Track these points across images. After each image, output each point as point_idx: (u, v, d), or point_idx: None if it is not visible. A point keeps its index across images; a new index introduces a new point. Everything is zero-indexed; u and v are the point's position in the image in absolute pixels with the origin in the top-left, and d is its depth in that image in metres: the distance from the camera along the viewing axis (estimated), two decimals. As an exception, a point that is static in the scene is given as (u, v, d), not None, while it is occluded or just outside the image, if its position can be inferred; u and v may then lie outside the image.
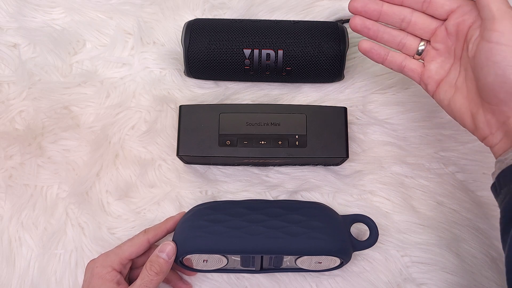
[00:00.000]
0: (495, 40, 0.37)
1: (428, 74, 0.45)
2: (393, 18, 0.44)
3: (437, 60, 0.44)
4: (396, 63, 0.46)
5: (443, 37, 0.43)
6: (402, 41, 0.45)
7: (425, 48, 0.45)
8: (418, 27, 0.44)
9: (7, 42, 0.59)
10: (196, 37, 0.53)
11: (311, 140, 0.50)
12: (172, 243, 0.46)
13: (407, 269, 0.52)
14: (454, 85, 0.43)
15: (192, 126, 0.50)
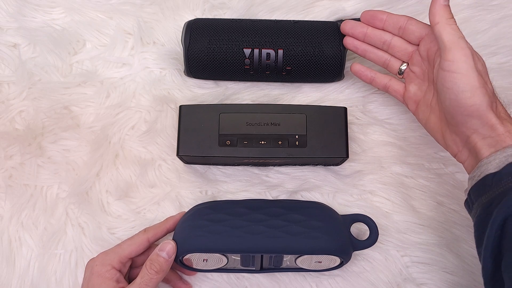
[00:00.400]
0: (447, 68, 0.41)
1: (408, 95, 0.50)
2: (375, 40, 0.50)
3: (415, 82, 0.49)
4: (382, 84, 0.52)
5: (418, 61, 0.48)
6: (387, 61, 0.51)
7: (405, 69, 0.50)
8: (397, 50, 0.50)
9: (7, 42, 0.59)
10: (196, 37, 0.53)
11: (311, 140, 0.50)
12: (172, 242, 0.46)
13: (407, 269, 0.52)
14: (429, 106, 0.47)
15: (192, 126, 0.50)
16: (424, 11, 0.60)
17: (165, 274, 0.46)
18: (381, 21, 0.49)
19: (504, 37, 0.60)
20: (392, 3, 0.61)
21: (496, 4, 0.61)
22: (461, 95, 0.40)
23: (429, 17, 0.44)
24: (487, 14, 0.61)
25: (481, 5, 0.61)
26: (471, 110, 0.40)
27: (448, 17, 0.42)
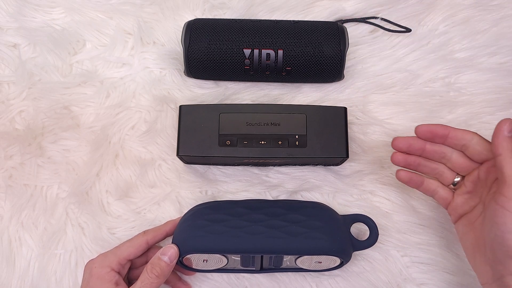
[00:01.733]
0: (500, 203, 0.39)
1: (454, 206, 0.47)
2: (434, 155, 0.48)
3: (465, 196, 0.47)
4: (430, 189, 0.49)
5: (475, 178, 0.46)
6: (440, 172, 0.48)
7: (459, 181, 0.48)
8: (457, 164, 0.47)
9: (7, 42, 0.59)
10: (196, 37, 0.53)
11: (311, 140, 0.50)
12: (174, 246, 0.45)
13: (407, 269, 0.52)
14: (473, 224, 0.45)
15: (192, 126, 0.50)
16: (424, 11, 0.61)
17: (166, 278, 0.45)
18: (442, 137, 0.47)
19: (504, 37, 0.60)
20: (393, 3, 0.61)
21: (496, 4, 0.61)
22: (508, 235, 0.39)
23: (492, 146, 0.42)
24: (487, 14, 0.61)
25: (481, 5, 0.61)
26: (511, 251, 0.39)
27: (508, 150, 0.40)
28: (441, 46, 0.60)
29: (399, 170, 0.50)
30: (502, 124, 0.41)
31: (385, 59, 0.59)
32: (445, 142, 0.47)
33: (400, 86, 0.58)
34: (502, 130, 0.41)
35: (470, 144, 0.45)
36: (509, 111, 0.58)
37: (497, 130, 0.41)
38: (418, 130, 0.47)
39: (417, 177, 0.49)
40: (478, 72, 0.59)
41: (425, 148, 0.48)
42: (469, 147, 0.45)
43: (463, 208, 0.47)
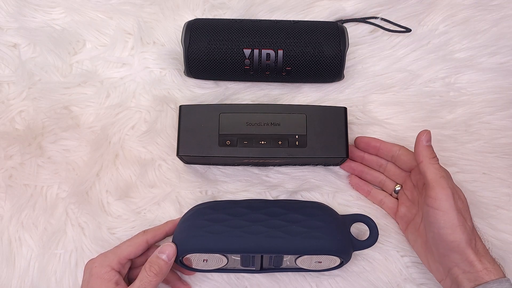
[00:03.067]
0: (430, 204, 0.45)
1: (400, 215, 0.52)
2: (372, 164, 0.54)
3: (407, 204, 0.52)
4: (377, 199, 0.54)
5: (410, 186, 0.51)
6: (382, 181, 0.54)
7: (400, 189, 0.53)
8: (392, 174, 0.53)
9: (7, 42, 0.59)
10: (196, 37, 0.53)
11: (311, 140, 0.50)
12: (173, 245, 0.46)
13: (407, 269, 0.52)
14: (418, 230, 0.49)
15: (192, 126, 0.50)
16: (424, 11, 0.61)
17: (164, 276, 0.45)
18: (375, 148, 0.53)
19: (504, 37, 0.60)
20: (392, 3, 0.61)
21: (496, 4, 0.61)
22: (442, 230, 0.44)
23: (414, 154, 0.48)
24: (487, 14, 0.61)
25: (481, 5, 0.61)
26: (452, 246, 0.43)
27: (431, 157, 0.46)
28: (441, 46, 0.60)
29: (350, 175, 0.55)
30: (421, 135, 0.47)
31: (385, 59, 0.59)
32: (379, 153, 0.53)
33: (400, 86, 0.58)
34: (421, 140, 0.47)
35: (398, 155, 0.52)
36: (509, 111, 0.58)
37: (417, 140, 0.47)
38: (356, 141, 0.55)
39: (365, 185, 0.55)
40: (478, 72, 0.59)
41: (364, 157, 0.54)
42: (398, 158, 0.52)
43: (407, 216, 0.51)
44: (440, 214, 0.44)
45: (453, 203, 0.44)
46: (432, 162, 0.46)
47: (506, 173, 0.55)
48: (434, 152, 0.47)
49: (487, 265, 0.43)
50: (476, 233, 0.45)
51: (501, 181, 0.55)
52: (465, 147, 0.56)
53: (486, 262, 0.43)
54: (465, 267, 0.43)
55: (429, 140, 0.47)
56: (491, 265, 0.43)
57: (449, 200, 0.44)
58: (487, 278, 0.42)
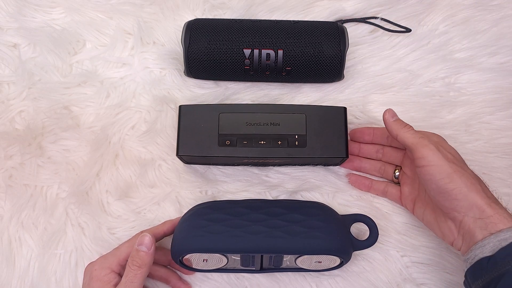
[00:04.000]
0: (420, 164, 0.45)
1: (404, 195, 0.52)
2: (370, 153, 0.55)
3: (408, 182, 0.52)
4: (380, 190, 0.54)
5: (408, 163, 0.52)
6: (381, 168, 0.54)
7: (399, 173, 0.53)
8: (389, 156, 0.54)
9: (7, 42, 0.59)
10: (196, 37, 0.53)
11: (310, 140, 0.50)
12: (148, 235, 0.46)
13: (407, 269, 0.52)
14: (424, 201, 0.49)
15: (191, 126, 0.50)
16: (424, 11, 0.61)
17: (149, 268, 0.45)
18: (369, 135, 0.54)
19: (504, 37, 0.60)
20: (392, 3, 0.61)
21: (496, 4, 0.61)
22: (440, 182, 0.43)
23: (389, 133, 0.48)
24: (487, 14, 0.61)
25: (481, 5, 0.61)
26: (454, 193, 0.43)
27: (402, 126, 0.47)
28: (441, 46, 0.60)
29: (349, 174, 0.55)
30: (385, 115, 0.48)
31: (385, 59, 0.59)
32: (374, 140, 0.54)
33: (400, 86, 0.58)
34: (387, 119, 0.48)
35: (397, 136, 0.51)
36: (509, 111, 0.58)
37: (384, 121, 0.48)
38: (351, 133, 0.55)
39: (365, 179, 0.55)
40: (478, 72, 0.59)
41: (360, 147, 0.55)
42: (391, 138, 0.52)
43: (412, 194, 0.51)
44: (432, 168, 0.44)
45: (440, 155, 0.44)
46: (406, 130, 0.47)
47: (506, 173, 0.55)
48: (404, 122, 0.48)
49: (498, 210, 0.41)
50: (480, 180, 0.44)
51: (501, 181, 0.55)
52: (465, 147, 0.56)
53: (496, 207, 0.42)
54: (475, 213, 0.42)
55: (394, 115, 0.48)
56: (503, 210, 0.42)
57: (435, 153, 0.44)
58: (501, 225, 0.40)
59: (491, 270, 0.39)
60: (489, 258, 0.40)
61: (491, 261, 0.40)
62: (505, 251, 0.39)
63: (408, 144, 0.46)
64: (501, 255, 0.39)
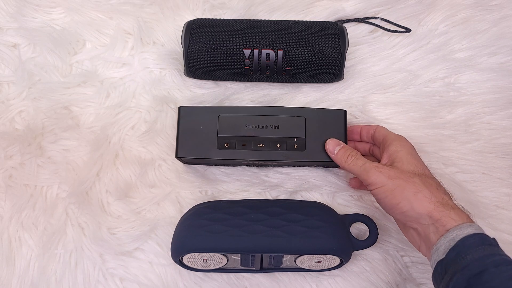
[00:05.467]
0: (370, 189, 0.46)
1: None
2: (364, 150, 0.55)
3: None
4: None
5: None
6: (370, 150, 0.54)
7: None
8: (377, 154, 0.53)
9: (7, 42, 0.59)
10: (196, 37, 0.53)
11: (309, 144, 0.50)
12: None
13: (407, 269, 0.52)
14: None
15: (191, 128, 0.50)
16: (424, 11, 0.61)
17: None
18: (357, 134, 0.54)
19: (504, 37, 0.60)
20: (392, 3, 0.61)
21: (496, 4, 0.61)
22: (386, 200, 0.44)
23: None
24: (487, 14, 0.61)
25: (481, 5, 0.61)
26: (400, 207, 0.43)
27: (345, 158, 0.48)
28: (441, 46, 0.60)
29: (350, 179, 0.55)
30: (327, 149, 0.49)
31: (385, 59, 0.59)
32: (362, 138, 0.54)
33: (400, 86, 0.58)
34: (330, 154, 0.49)
35: (374, 135, 0.52)
36: (509, 111, 0.58)
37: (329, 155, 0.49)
38: None
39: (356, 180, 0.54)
40: (478, 72, 0.59)
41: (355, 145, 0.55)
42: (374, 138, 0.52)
43: None
44: (377, 191, 0.45)
45: (382, 176, 0.44)
46: (349, 161, 0.47)
47: (506, 173, 0.55)
48: (347, 151, 0.48)
49: (445, 212, 0.41)
50: (428, 183, 0.44)
51: (501, 181, 0.55)
52: (465, 147, 0.56)
53: (443, 209, 0.41)
54: (425, 220, 0.42)
55: (334, 146, 0.49)
56: (450, 211, 0.41)
57: (377, 176, 0.44)
58: (448, 225, 0.40)
59: (446, 273, 0.39)
60: (442, 261, 0.40)
61: (444, 263, 0.40)
62: (454, 251, 0.39)
63: (355, 174, 0.47)
64: (451, 256, 0.39)
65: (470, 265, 0.37)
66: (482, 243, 0.39)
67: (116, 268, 0.52)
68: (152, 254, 0.53)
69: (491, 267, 0.36)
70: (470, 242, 0.38)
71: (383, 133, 0.51)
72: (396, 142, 0.48)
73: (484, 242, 0.39)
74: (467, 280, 0.37)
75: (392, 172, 0.45)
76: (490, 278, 0.36)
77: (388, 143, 0.48)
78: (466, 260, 0.38)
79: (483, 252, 0.38)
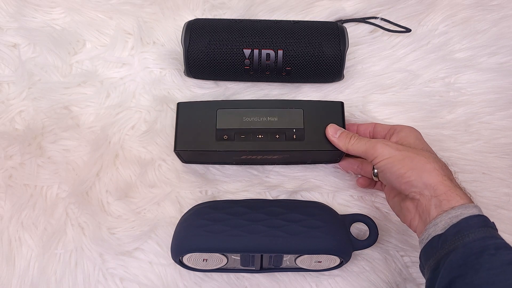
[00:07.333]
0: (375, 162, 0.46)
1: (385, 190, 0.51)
2: None
3: None
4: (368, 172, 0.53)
5: None
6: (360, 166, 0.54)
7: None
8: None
9: (7, 42, 0.59)
10: (196, 37, 0.53)
11: (308, 134, 0.50)
12: None
13: (407, 269, 0.52)
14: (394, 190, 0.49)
15: (189, 122, 0.50)
16: (424, 11, 0.61)
17: None
18: (353, 131, 0.53)
19: (504, 37, 0.60)
20: (393, 3, 0.61)
21: (496, 4, 0.61)
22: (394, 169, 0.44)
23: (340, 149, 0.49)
24: (487, 14, 0.61)
25: (481, 5, 0.61)
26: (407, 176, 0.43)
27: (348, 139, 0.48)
28: (441, 46, 0.60)
29: (357, 179, 0.55)
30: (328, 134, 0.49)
31: (385, 59, 0.59)
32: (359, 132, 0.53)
33: (400, 86, 0.58)
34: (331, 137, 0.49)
35: (373, 131, 0.52)
36: (509, 111, 0.58)
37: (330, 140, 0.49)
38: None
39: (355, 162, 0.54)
40: (478, 72, 0.59)
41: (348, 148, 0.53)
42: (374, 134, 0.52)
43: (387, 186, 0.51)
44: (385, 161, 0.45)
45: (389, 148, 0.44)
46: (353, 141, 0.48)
47: (506, 173, 0.55)
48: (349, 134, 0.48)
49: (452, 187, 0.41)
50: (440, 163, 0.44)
51: (501, 181, 0.55)
52: (465, 147, 0.56)
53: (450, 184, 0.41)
54: (430, 192, 0.42)
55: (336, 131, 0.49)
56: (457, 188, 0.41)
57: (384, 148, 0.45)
58: (454, 202, 0.40)
59: (441, 248, 0.39)
60: (440, 236, 0.40)
61: (442, 238, 0.39)
62: (455, 228, 0.39)
63: (360, 153, 0.47)
64: (451, 232, 0.39)
65: (470, 243, 0.37)
66: (485, 225, 0.39)
67: (116, 268, 0.52)
68: (152, 254, 0.53)
69: (491, 249, 0.37)
70: (473, 222, 0.39)
71: (387, 125, 0.51)
72: (406, 128, 0.49)
73: (487, 225, 0.39)
74: (465, 257, 0.37)
75: (400, 145, 0.45)
76: (489, 259, 0.36)
77: (398, 130, 0.49)
78: (468, 238, 0.38)
79: (485, 233, 0.38)
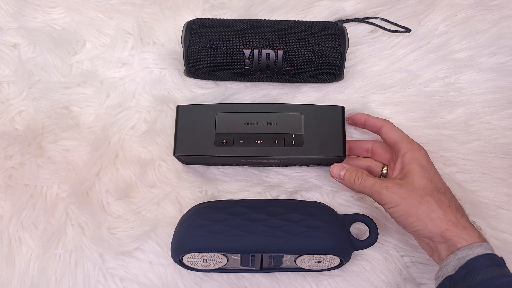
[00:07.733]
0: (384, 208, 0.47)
1: None
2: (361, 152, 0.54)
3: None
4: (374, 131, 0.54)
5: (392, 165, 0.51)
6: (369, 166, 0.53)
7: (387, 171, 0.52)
8: (378, 155, 0.53)
9: (7, 42, 0.59)
10: (196, 37, 0.53)
11: (307, 139, 0.50)
12: None
13: (407, 269, 0.52)
14: None
15: (188, 126, 0.50)
16: (424, 11, 0.61)
17: None
18: (361, 122, 0.54)
19: (504, 37, 0.60)
20: (393, 3, 0.61)
21: (496, 4, 0.61)
22: (400, 219, 0.46)
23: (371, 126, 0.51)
24: (487, 14, 0.61)
25: (481, 5, 0.61)
26: (415, 226, 0.45)
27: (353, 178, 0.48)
28: (441, 46, 0.60)
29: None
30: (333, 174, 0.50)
31: (385, 59, 0.59)
32: (366, 126, 0.53)
33: (400, 86, 0.58)
34: (338, 178, 0.50)
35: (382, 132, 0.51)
36: (509, 111, 0.58)
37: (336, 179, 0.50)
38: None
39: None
40: (478, 72, 0.59)
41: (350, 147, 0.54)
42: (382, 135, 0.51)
43: None
44: (392, 210, 0.46)
45: (395, 196, 0.45)
46: (359, 181, 0.48)
47: (506, 173, 0.55)
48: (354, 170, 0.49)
49: (457, 231, 0.43)
50: (441, 199, 0.45)
51: (501, 181, 0.55)
52: (465, 147, 0.56)
53: (455, 229, 0.43)
54: (438, 239, 0.44)
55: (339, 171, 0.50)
56: (461, 231, 0.43)
57: (390, 197, 0.45)
58: (459, 244, 0.42)
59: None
60: (451, 277, 0.41)
61: (452, 280, 0.41)
62: (464, 269, 0.41)
63: (367, 194, 0.48)
64: (461, 274, 0.41)
65: (479, 285, 0.39)
66: (491, 264, 0.40)
67: (116, 268, 0.52)
68: (152, 254, 0.53)
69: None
70: (480, 262, 0.40)
71: (393, 137, 0.50)
72: (408, 153, 0.48)
73: (493, 263, 0.41)
74: None
75: (403, 191, 0.45)
76: None
77: (401, 153, 0.48)
78: (476, 280, 0.39)
79: (492, 273, 0.40)
